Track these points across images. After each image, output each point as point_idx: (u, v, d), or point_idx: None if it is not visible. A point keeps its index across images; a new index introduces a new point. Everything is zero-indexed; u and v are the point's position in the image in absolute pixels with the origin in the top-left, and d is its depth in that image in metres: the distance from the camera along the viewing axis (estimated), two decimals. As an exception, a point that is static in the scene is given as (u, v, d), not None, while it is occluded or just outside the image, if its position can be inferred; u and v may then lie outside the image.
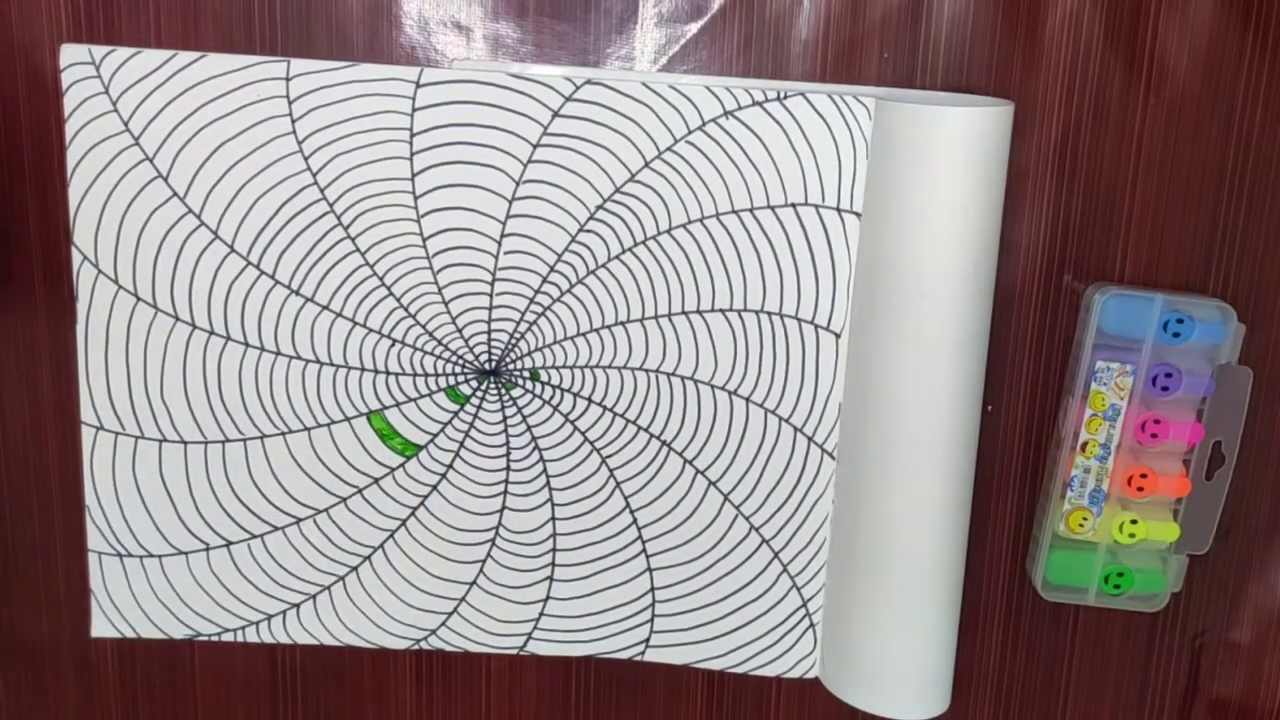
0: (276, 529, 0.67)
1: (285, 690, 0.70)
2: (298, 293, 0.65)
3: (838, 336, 0.64)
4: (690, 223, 0.64)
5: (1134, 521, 0.64)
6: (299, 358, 0.65)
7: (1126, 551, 0.65)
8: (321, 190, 0.63)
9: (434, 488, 0.67)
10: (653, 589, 0.68)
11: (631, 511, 0.67)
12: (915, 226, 0.59)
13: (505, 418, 0.66)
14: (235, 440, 0.66)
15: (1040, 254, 0.64)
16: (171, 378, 0.65)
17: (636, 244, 0.64)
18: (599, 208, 0.64)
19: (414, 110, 0.62)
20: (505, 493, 0.67)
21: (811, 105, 0.62)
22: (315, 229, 0.64)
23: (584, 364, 0.66)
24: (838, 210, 0.63)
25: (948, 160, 0.58)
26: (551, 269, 0.64)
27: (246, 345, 0.65)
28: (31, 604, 0.68)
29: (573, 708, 0.70)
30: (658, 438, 0.66)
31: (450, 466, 0.67)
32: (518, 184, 0.63)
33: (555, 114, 0.62)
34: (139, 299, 0.64)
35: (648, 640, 0.69)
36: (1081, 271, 0.64)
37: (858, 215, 0.63)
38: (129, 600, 0.68)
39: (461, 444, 0.66)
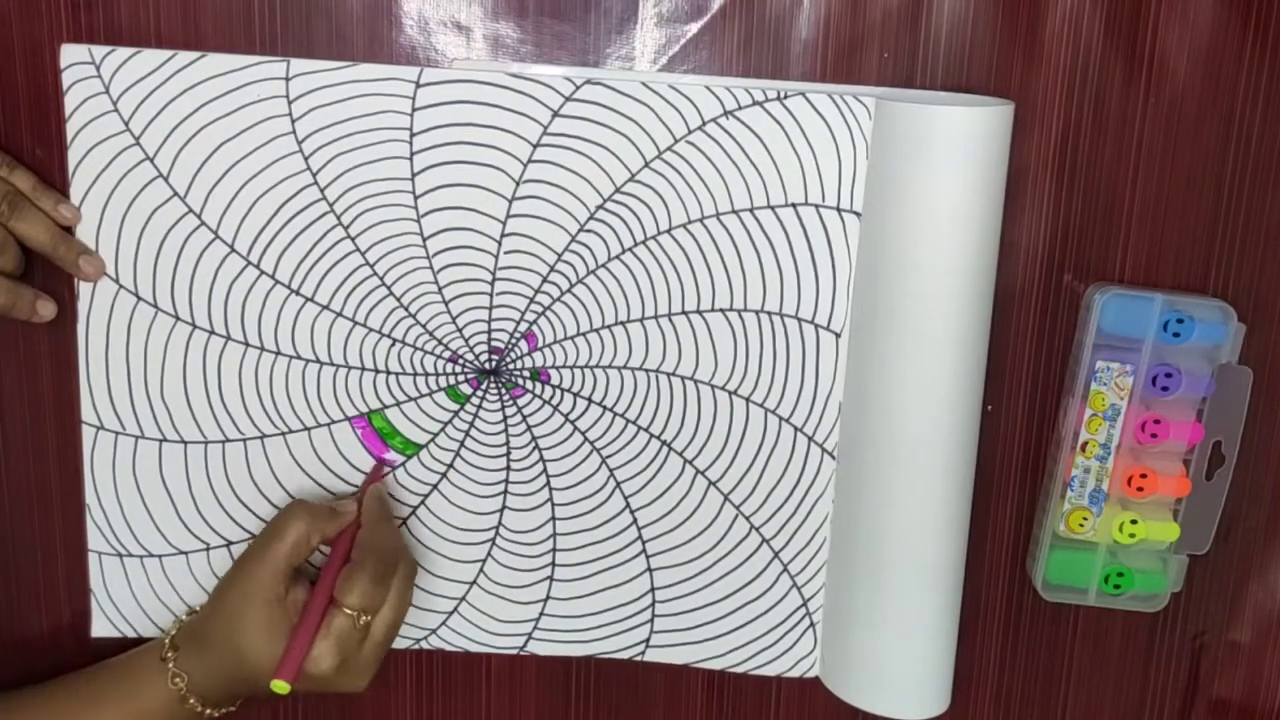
0: (276, 529, 0.67)
1: (285, 690, 0.70)
2: (298, 293, 0.65)
3: (838, 336, 0.64)
4: (690, 223, 0.64)
5: (1134, 521, 0.64)
6: (299, 358, 0.65)
7: (1126, 551, 0.65)
8: (321, 190, 0.63)
9: (434, 487, 0.67)
10: (653, 589, 0.68)
11: (631, 511, 0.67)
12: (915, 226, 0.59)
13: (505, 417, 0.66)
14: (235, 440, 0.66)
15: (1040, 254, 0.64)
16: (171, 378, 0.65)
17: (637, 244, 0.64)
18: (599, 208, 0.64)
19: (414, 110, 0.62)
20: (505, 493, 0.67)
21: (811, 105, 0.62)
22: (315, 229, 0.64)
23: (584, 364, 0.66)
24: (838, 210, 0.63)
25: (948, 160, 0.58)
26: (551, 269, 0.64)
27: (246, 345, 0.65)
28: (31, 604, 0.68)
29: (573, 708, 0.70)
30: (658, 438, 0.66)
31: (451, 466, 0.67)
32: (518, 184, 0.63)
33: (555, 114, 0.62)
34: (139, 299, 0.64)
35: (648, 640, 0.69)
36: (1081, 271, 0.64)
37: (858, 215, 0.63)
38: (129, 600, 0.68)
39: (462, 444, 0.66)
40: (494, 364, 0.66)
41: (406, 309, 0.65)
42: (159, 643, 0.62)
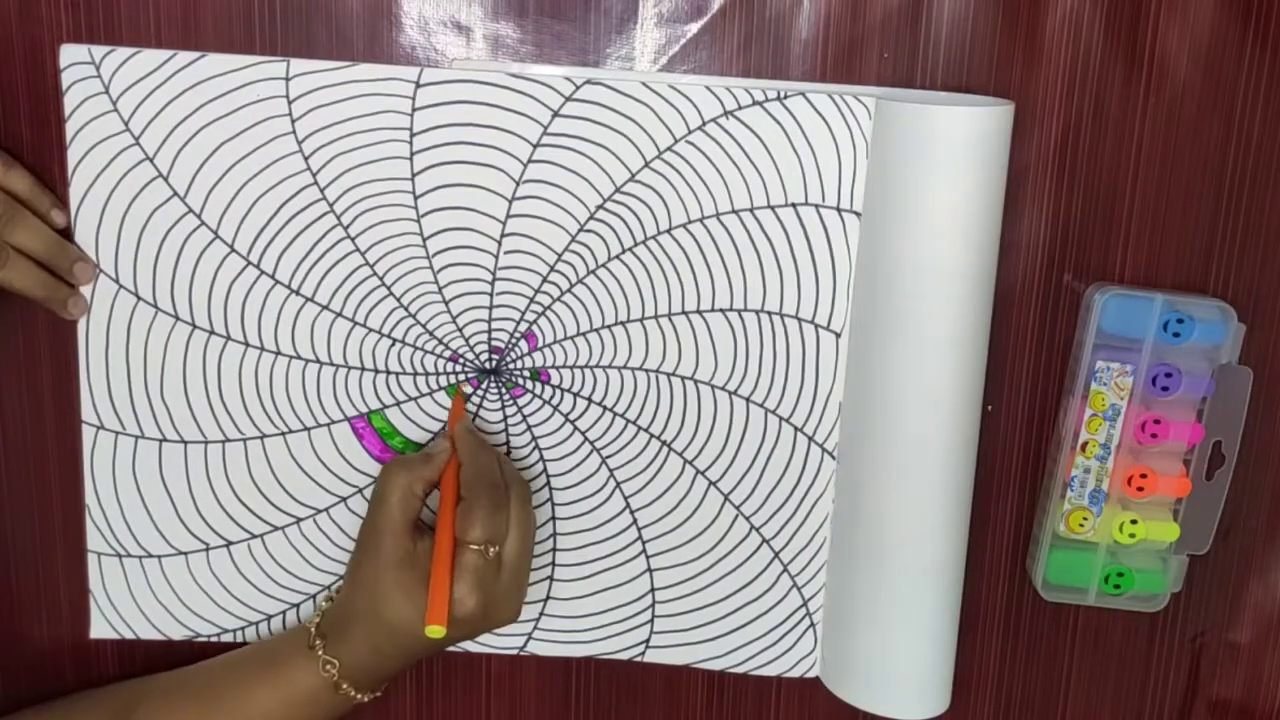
0: (276, 529, 0.67)
1: (285, 690, 0.70)
2: (298, 293, 0.65)
3: (838, 336, 0.64)
4: (690, 223, 0.64)
5: (1134, 521, 0.64)
6: (299, 358, 0.65)
7: (1126, 551, 0.65)
8: (321, 190, 0.63)
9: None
10: (653, 589, 0.68)
11: (631, 511, 0.67)
12: (915, 226, 0.59)
13: (505, 417, 0.66)
14: (235, 440, 0.66)
15: (1040, 254, 0.64)
16: (171, 378, 0.65)
17: (636, 244, 0.64)
18: (599, 208, 0.64)
19: (414, 110, 0.62)
20: (505, 493, 0.67)
21: (811, 105, 0.62)
22: (315, 229, 0.64)
23: (584, 364, 0.66)
24: (838, 210, 0.63)
25: (948, 160, 0.58)
26: (551, 269, 0.64)
27: (246, 345, 0.65)
28: (31, 604, 0.68)
29: (573, 708, 0.70)
30: (658, 438, 0.66)
31: (450, 466, 0.67)
32: (518, 184, 0.63)
33: (555, 114, 0.62)
34: (139, 299, 0.64)
35: (648, 641, 0.69)
36: (1081, 271, 0.64)
37: (858, 215, 0.63)
38: (128, 601, 0.68)
39: (461, 444, 0.66)
40: (494, 364, 0.66)
41: (406, 309, 0.65)
42: (304, 630, 0.62)
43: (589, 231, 0.64)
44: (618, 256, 0.64)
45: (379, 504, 0.60)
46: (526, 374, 0.66)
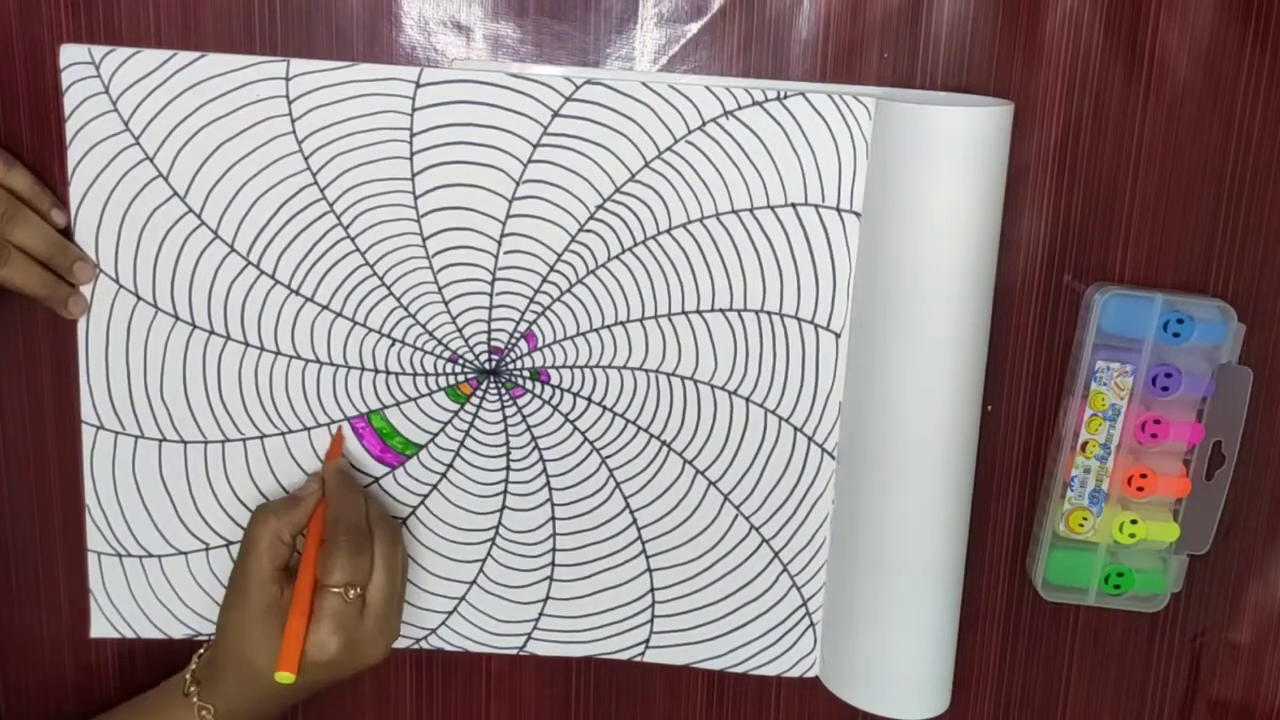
0: (276, 529, 0.67)
1: (285, 690, 0.70)
2: (298, 293, 0.65)
3: (838, 336, 0.64)
4: (690, 223, 0.64)
5: (1134, 521, 0.64)
6: (299, 358, 0.65)
7: (1126, 551, 0.65)
8: (321, 190, 0.63)
9: (434, 487, 0.67)
10: (653, 589, 0.68)
11: (631, 511, 0.67)
12: (915, 226, 0.59)
13: (505, 417, 0.66)
14: (235, 440, 0.66)
15: (1040, 254, 0.64)
16: (171, 378, 0.65)
17: (636, 244, 0.64)
18: (599, 208, 0.64)
19: (414, 110, 0.62)
20: (505, 493, 0.67)
21: (811, 105, 0.62)
22: (315, 229, 0.64)
23: (584, 364, 0.66)
24: (838, 210, 0.63)
25: (948, 160, 0.58)
26: (551, 269, 0.64)
27: (246, 345, 0.65)
28: (31, 604, 0.68)
29: (573, 708, 0.70)
30: (658, 438, 0.66)
31: (450, 466, 0.67)
32: (518, 184, 0.63)
33: (555, 114, 0.62)
34: (139, 299, 0.64)
35: (648, 641, 0.69)
36: (1081, 271, 0.64)
37: (858, 215, 0.63)
38: (128, 600, 0.68)
39: (462, 443, 0.66)
40: (494, 364, 0.66)
41: (406, 309, 0.65)
42: (180, 679, 0.62)
43: (589, 231, 0.64)
44: (617, 256, 0.64)
45: (247, 551, 0.60)
46: (526, 374, 0.66)
